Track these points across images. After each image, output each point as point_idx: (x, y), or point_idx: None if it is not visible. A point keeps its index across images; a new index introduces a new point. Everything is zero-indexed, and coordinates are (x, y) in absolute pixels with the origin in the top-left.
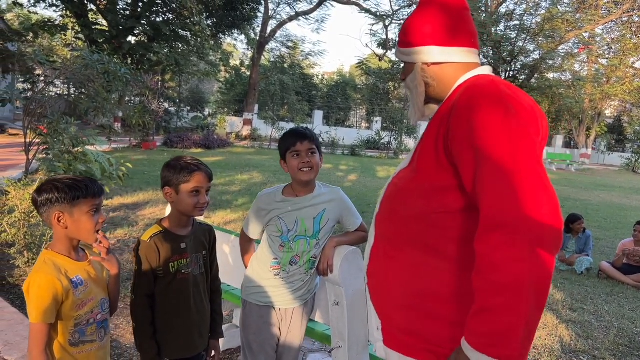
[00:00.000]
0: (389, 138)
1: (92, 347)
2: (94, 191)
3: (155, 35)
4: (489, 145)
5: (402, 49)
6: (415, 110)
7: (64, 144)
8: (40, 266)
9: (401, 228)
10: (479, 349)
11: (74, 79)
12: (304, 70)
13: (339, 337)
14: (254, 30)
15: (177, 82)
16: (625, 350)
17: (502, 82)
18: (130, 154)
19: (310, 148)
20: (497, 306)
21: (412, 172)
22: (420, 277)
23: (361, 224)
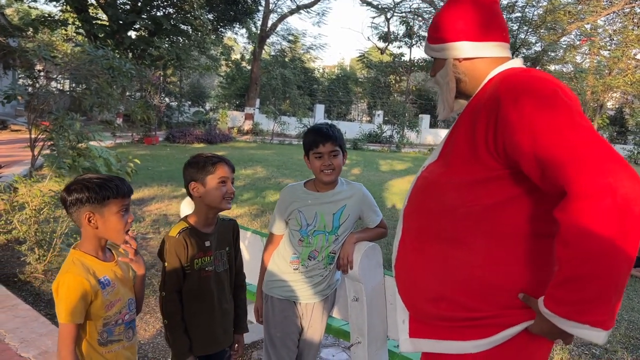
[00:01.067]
0: (390, 131)
1: (120, 346)
2: (123, 191)
3: (156, 30)
4: (550, 126)
5: (433, 45)
6: (444, 106)
7: (69, 139)
8: (69, 266)
9: (431, 221)
10: (566, 316)
11: (78, 74)
12: (305, 64)
13: (358, 333)
14: (255, 24)
15: (178, 77)
16: (636, 343)
17: (535, 70)
18: (133, 149)
19: (333, 150)
20: (587, 274)
21: (443, 165)
22: (450, 270)
23: (381, 221)
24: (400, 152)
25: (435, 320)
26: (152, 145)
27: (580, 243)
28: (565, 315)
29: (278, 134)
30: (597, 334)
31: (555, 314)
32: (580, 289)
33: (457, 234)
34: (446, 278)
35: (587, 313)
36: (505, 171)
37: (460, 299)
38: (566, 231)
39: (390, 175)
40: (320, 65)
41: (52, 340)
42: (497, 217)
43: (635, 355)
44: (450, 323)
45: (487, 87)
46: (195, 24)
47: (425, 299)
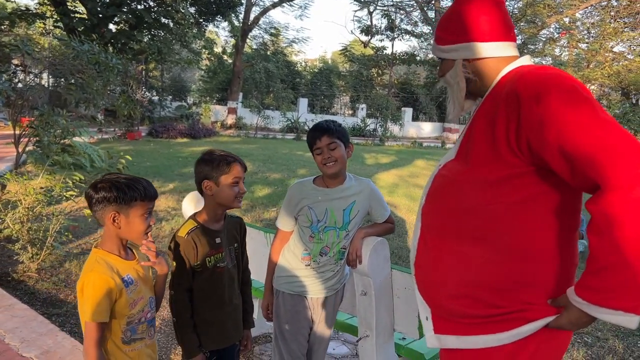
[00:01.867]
0: (374, 125)
1: (143, 344)
2: (150, 194)
3: (137, 23)
4: (576, 121)
5: (441, 47)
6: (455, 106)
7: (54, 136)
8: (92, 265)
9: (452, 220)
10: (600, 303)
11: (63, 69)
12: (288, 57)
13: (366, 327)
14: (238, 18)
15: (159, 71)
16: (626, 331)
17: (549, 66)
18: (116, 144)
19: (330, 143)
20: (620, 261)
21: (462, 164)
22: (472, 268)
23: (389, 216)
24: (384, 146)
25: (457, 317)
26: (135, 140)
27: (613, 232)
28: (599, 302)
29: (262, 128)
30: (631, 319)
31: (588, 302)
32: (615, 276)
33: (479, 232)
34: (468, 276)
35: (621, 299)
36: (528, 168)
37: (483, 295)
38: (599, 221)
39: (375, 169)
40: (302, 58)
41: (52, 339)
42: (520, 214)
43: (625, 342)
44: (473, 320)
45: (502, 85)
46: (176, 18)
47: (447, 296)
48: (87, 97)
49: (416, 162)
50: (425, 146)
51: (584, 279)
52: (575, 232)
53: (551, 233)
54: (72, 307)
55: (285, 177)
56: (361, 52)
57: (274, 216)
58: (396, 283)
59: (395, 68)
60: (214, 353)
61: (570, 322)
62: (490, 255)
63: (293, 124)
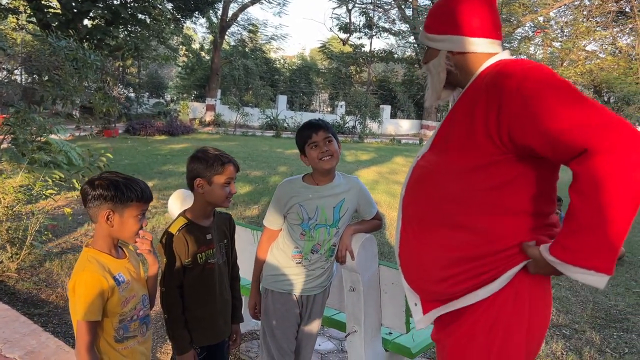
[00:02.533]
0: (353, 122)
1: (136, 342)
2: (147, 196)
3: (114, 19)
4: (559, 101)
5: (429, 35)
6: (432, 94)
7: (31, 133)
8: (84, 264)
9: (432, 209)
10: (576, 263)
11: (39, 65)
12: (266, 54)
13: (354, 322)
14: (216, 14)
15: (136, 68)
16: (603, 323)
17: (527, 59)
18: (93, 142)
19: (326, 137)
20: (599, 223)
21: (440, 153)
22: (454, 252)
23: (377, 213)
24: (364, 143)
25: (445, 296)
26: (112, 137)
27: (597, 194)
28: (572, 261)
29: (241, 125)
30: (601, 279)
31: (562, 260)
32: (592, 237)
33: (459, 218)
34: (451, 259)
35: (594, 259)
36: (504, 156)
37: (465, 267)
38: (583, 182)
39: (355, 166)
40: (281, 55)
41: (36, 339)
42: (497, 199)
43: (602, 334)
44: (460, 288)
45: (482, 77)
46: (153, 13)
47: (434, 281)
48: (64, 94)
49: (395, 159)
50: (403, 143)
51: (560, 238)
52: (549, 217)
53: (527, 217)
54: (53, 307)
55: (266, 175)
56: (340, 50)
57: (255, 214)
58: (383, 279)
59: (374, 66)
60: (205, 349)
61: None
62: (469, 237)
63: (272, 121)
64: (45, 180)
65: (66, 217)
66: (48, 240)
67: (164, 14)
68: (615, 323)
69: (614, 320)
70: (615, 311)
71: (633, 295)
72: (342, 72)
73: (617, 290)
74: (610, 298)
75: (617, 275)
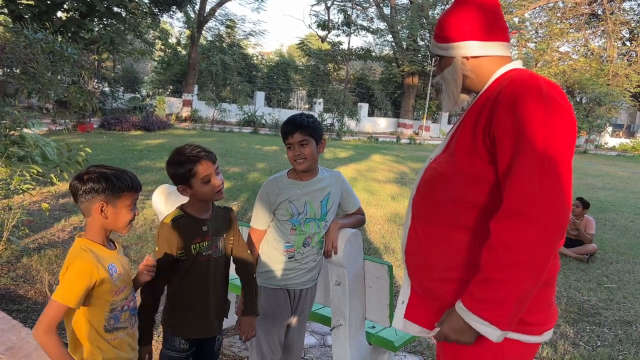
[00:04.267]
0: (331, 120)
1: (125, 333)
2: (136, 185)
3: (88, 12)
4: (527, 140)
5: (441, 44)
6: (450, 101)
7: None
8: (78, 252)
9: (440, 209)
10: (473, 311)
11: (14, 58)
12: (244, 50)
13: (339, 316)
14: (193, 9)
15: (111, 62)
16: (576, 317)
17: (541, 78)
18: (67, 137)
19: (302, 140)
20: (500, 279)
21: (450, 157)
22: (459, 253)
23: (359, 207)
24: (342, 140)
25: (437, 301)
26: (86, 132)
27: (501, 252)
28: (474, 310)
29: (218, 121)
30: (492, 331)
31: (466, 307)
32: (491, 290)
33: (465, 221)
34: (456, 260)
35: (491, 312)
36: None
37: (469, 276)
38: (494, 238)
39: (334, 163)
40: (259, 51)
41: (16, 335)
42: (500, 204)
43: (576, 327)
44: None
45: (494, 87)
46: (130, 7)
47: (435, 279)
48: (40, 88)
49: (373, 156)
50: (381, 141)
51: (469, 287)
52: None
53: None
54: (32, 303)
55: (244, 171)
56: (318, 47)
57: (235, 210)
58: (368, 273)
59: (352, 63)
60: (194, 343)
61: (451, 328)
62: (475, 241)
63: (250, 117)
64: (23, 175)
65: (42, 212)
66: (25, 235)
67: (141, 8)
68: (588, 317)
69: (587, 314)
70: (587, 306)
71: (604, 290)
72: (320, 70)
73: (590, 286)
74: (583, 293)
75: (590, 271)
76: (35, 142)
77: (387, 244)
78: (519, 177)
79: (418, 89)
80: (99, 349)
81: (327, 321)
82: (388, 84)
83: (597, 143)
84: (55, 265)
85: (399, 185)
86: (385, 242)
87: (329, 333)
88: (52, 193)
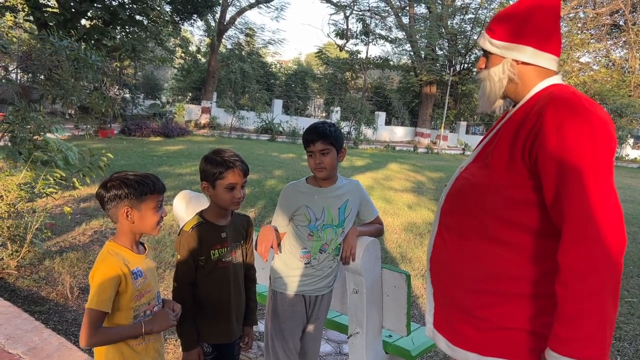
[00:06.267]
0: (348, 128)
1: (151, 338)
2: (159, 187)
3: (112, 20)
4: (575, 164)
5: (494, 40)
6: (487, 101)
7: (30, 132)
8: (105, 256)
9: (470, 220)
10: (569, 355)
11: (39, 64)
12: (263, 58)
13: (356, 324)
14: (214, 17)
15: (133, 69)
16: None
17: (583, 97)
18: (88, 142)
19: (323, 149)
20: (584, 312)
21: (484, 168)
22: (490, 265)
23: (377, 217)
24: (358, 149)
25: (464, 313)
26: (107, 138)
27: (576, 284)
28: (568, 353)
29: (236, 128)
30: None
31: (560, 354)
32: (580, 327)
33: (496, 233)
34: (483, 272)
35: (586, 349)
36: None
37: (497, 286)
38: (565, 272)
39: (351, 172)
40: (277, 60)
41: (38, 336)
42: (532, 219)
43: None
44: (473, 325)
45: (533, 102)
46: (152, 15)
47: (463, 289)
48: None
49: (390, 165)
50: (398, 150)
51: (553, 332)
52: None
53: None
54: (54, 305)
55: (262, 178)
56: (336, 56)
57: (252, 217)
58: (386, 282)
59: (369, 72)
60: (216, 347)
61: None
62: (507, 254)
63: (267, 125)
64: (47, 179)
65: (64, 216)
66: (47, 238)
67: (162, 16)
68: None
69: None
70: None
71: (625, 304)
72: (337, 78)
73: None
74: None
75: None
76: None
77: (404, 253)
78: (574, 205)
79: (436, 98)
80: (122, 356)
81: (343, 329)
82: (405, 92)
83: (618, 155)
84: (77, 268)
85: (415, 195)
86: (401, 252)
87: (345, 341)
88: (74, 197)
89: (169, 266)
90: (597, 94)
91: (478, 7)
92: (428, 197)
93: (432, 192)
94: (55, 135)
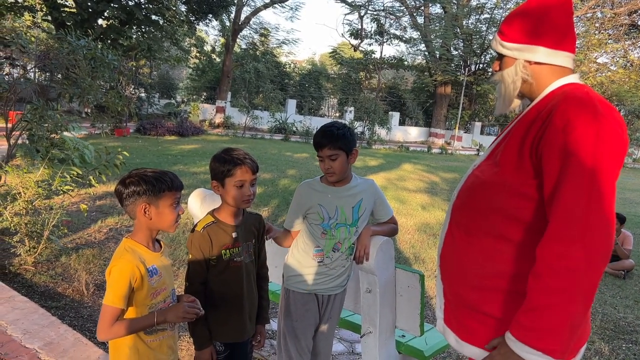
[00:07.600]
0: (362, 128)
1: (165, 335)
2: (177, 184)
3: (128, 20)
4: (574, 165)
5: (506, 43)
6: (504, 103)
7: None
8: (121, 253)
9: (479, 217)
10: (525, 342)
11: (57, 63)
12: (277, 58)
13: (369, 323)
14: (229, 17)
15: (148, 68)
16: (612, 334)
17: (596, 97)
18: (104, 140)
19: (331, 154)
20: (549, 306)
21: (494, 166)
22: (497, 263)
23: (392, 216)
24: (372, 149)
25: (470, 309)
26: (123, 136)
27: (548, 278)
28: (524, 339)
29: (250, 127)
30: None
31: (515, 338)
32: (541, 318)
33: (503, 231)
34: (490, 269)
35: (543, 340)
36: (541, 178)
37: (502, 284)
38: (539, 264)
39: (364, 171)
40: (291, 60)
41: (55, 331)
42: (538, 217)
43: (611, 345)
44: (479, 320)
45: (546, 101)
46: (167, 15)
47: (469, 286)
48: (80, 92)
49: (403, 165)
50: (411, 150)
51: (517, 317)
52: None
53: None
54: (70, 301)
55: (275, 178)
56: (350, 55)
57: (265, 216)
58: (399, 281)
59: (384, 72)
60: (229, 346)
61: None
62: (514, 252)
63: (281, 124)
64: (64, 177)
65: (80, 213)
66: (64, 235)
67: (178, 16)
68: (624, 335)
69: (623, 332)
70: (624, 323)
71: None
72: (351, 78)
73: (626, 303)
74: (619, 310)
75: (626, 287)
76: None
77: (417, 253)
78: (564, 203)
79: (450, 98)
80: (137, 352)
81: (356, 328)
82: (420, 93)
83: (636, 156)
84: (92, 265)
85: (429, 195)
86: (415, 252)
87: (357, 341)
88: (90, 195)
89: (183, 264)
90: (614, 95)
91: (494, 7)
92: (442, 198)
93: (445, 193)
94: (72, 134)
